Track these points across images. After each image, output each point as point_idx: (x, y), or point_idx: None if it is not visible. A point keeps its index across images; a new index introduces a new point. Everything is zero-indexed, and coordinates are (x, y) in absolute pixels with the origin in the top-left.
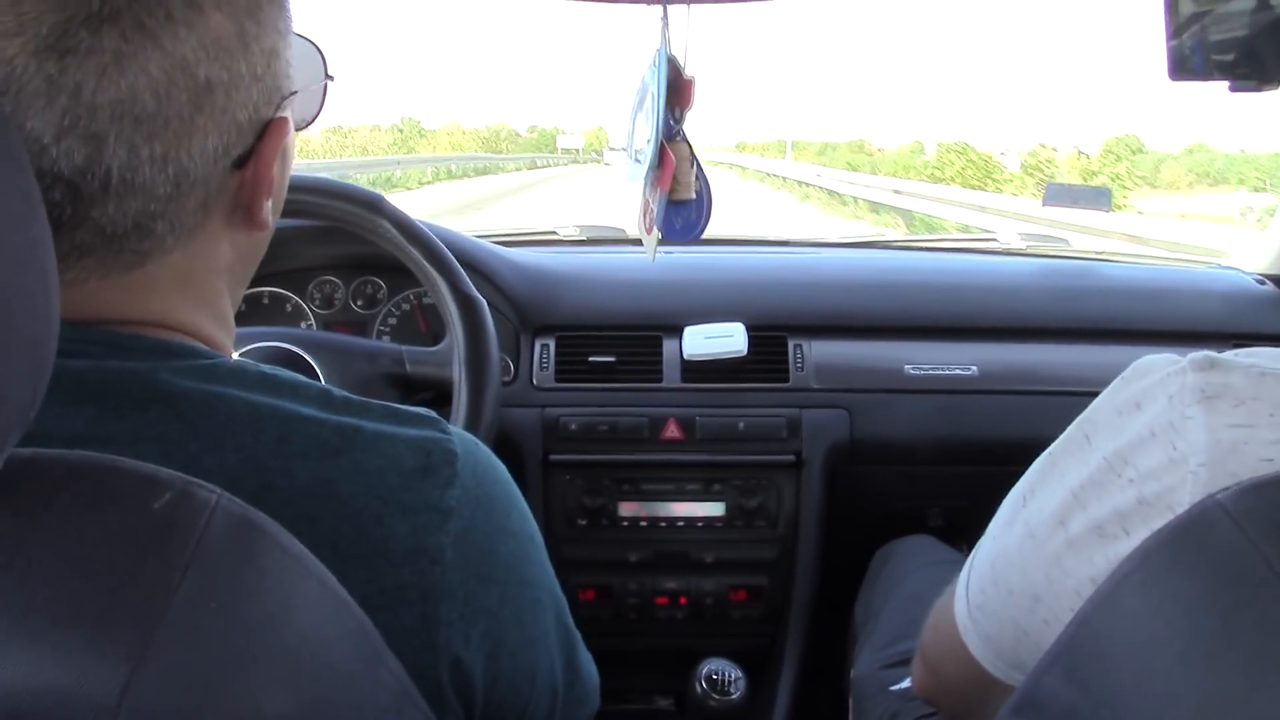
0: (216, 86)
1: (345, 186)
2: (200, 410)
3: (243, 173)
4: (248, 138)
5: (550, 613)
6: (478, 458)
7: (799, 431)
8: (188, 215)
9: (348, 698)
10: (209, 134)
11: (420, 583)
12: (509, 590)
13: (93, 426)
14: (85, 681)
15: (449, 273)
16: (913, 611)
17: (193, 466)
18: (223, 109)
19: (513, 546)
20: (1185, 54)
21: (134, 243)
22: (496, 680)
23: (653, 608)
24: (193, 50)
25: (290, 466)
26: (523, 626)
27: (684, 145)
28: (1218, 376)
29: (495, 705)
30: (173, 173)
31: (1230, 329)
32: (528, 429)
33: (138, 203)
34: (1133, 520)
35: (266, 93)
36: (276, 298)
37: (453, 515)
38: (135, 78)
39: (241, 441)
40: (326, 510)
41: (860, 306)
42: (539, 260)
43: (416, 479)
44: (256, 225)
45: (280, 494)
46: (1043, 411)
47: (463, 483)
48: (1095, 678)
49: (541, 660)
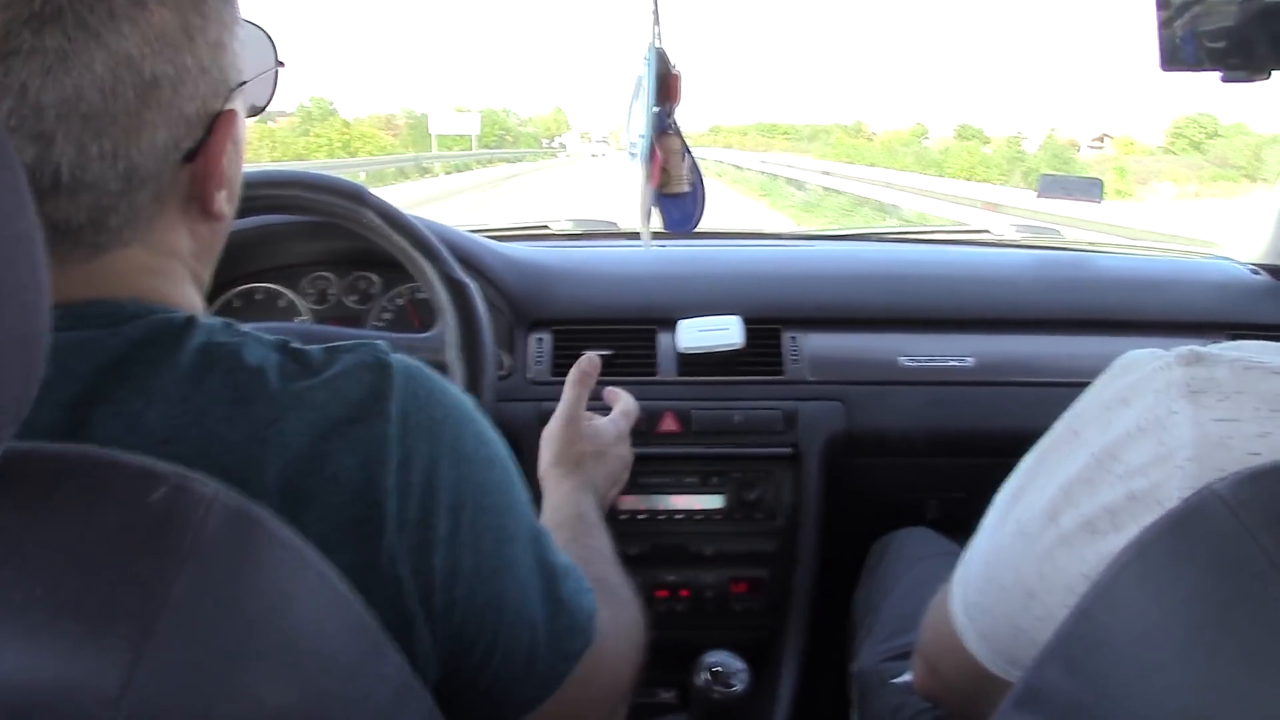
0: (163, 81)
1: (327, 178)
2: (144, 369)
3: (193, 166)
4: (197, 131)
5: (520, 542)
6: (419, 381)
7: (795, 424)
8: (141, 209)
9: (349, 690)
10: (158, 129)
11: (372, 515)
12: (463, 516)
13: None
14: (87, 674)
15: (435, 258)
16: (912, 605)
17: (137, 424)
18: (170, 103)
19: (464, 471)
20: (1176, 44)
21: (89, 236)
22: (453, 610)
23: (653, 601)
24: (137, 46)
25: (232, 414)
26: (482, 555)
27: (675, 138)
28: (1203, 371)
29: (458, 636)
30: (123, 168)
31: (1225, 319)
32: (524, 423)
33: (89, 198)
34: (1122, 516)
35: (214, 85)
36: (270, 294)
37: (395, 442)
38: (80, 76)
39: (184, 392)
40: (273, 453)
41: (855, 298)
42: (533, 254)
43: (361, 409)
44: (211, 216)
45: (224, 441)
46: (1039, 402)
47: (404, 408)
48: (1096, 669)
49: (510, 591)
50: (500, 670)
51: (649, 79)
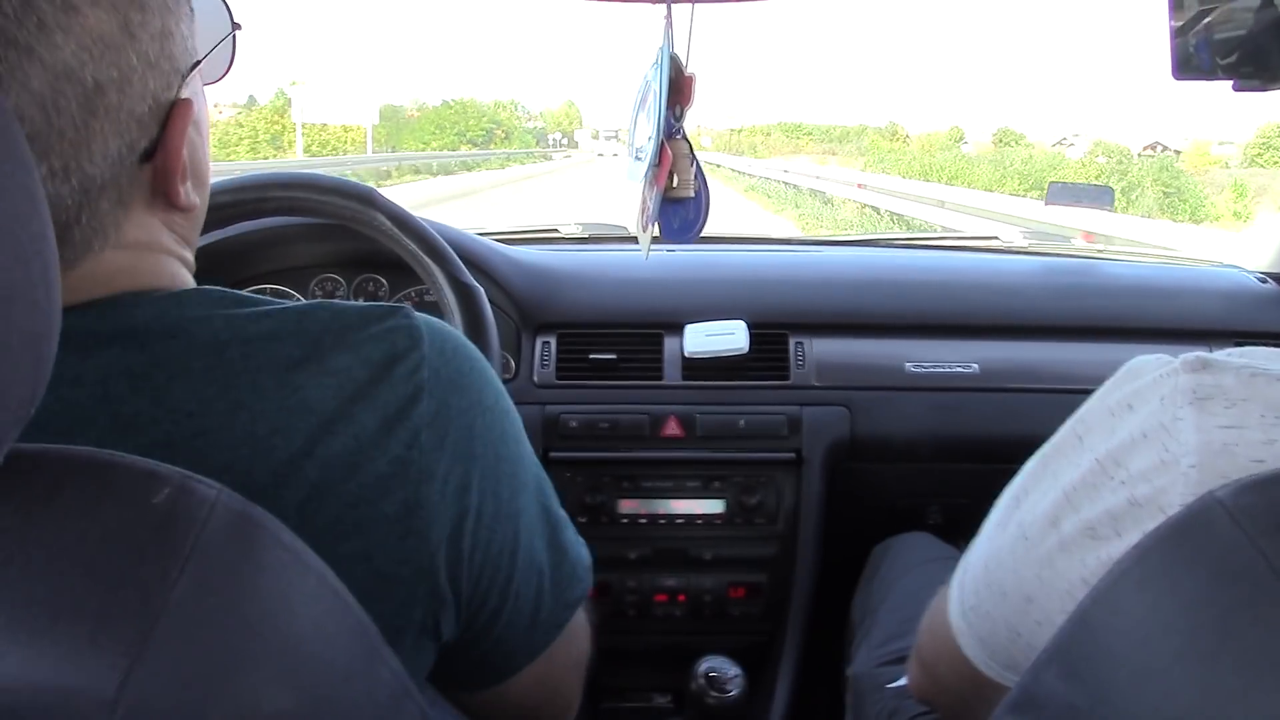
0: (107, 86)
1: (337, 181)
2: (162, 340)
3: (153, 163)
4: (151, 129)
5: (529, 490)
6: (445, 336)
7: (799, 429)
8: (104, 217)
9: (347, 694)
10: (108, 137)
11: (399, 472)
12: (486, 465)
13: (59, 368)
14: (84, 677)
15: (445, 261)
16: (910, 609)
17: (162, 397)
18: (118, 107)
19: (489, 420)
20: (1189, 53)
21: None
22: (474, 555)
23: (652, 605)
24: (74, 54)
25: (258, 380)
26: (500, 501)
27: (683, 143)
28: (1209, 378)
29: (478, 580)
30: (77, 183)
31: (1231, 327)
32: (528, 426)
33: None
34: (1124, 522)
35: (164, 77)
36: (279, 295)
37: (423, 396)
38: (19, 96)
39: (207, 363)
40: (300, 420)
41: (861, 304)
42: (540, 258)
43: (384, 369)
44: (179, 208)
45: (251, 410)
46: (1044, 409)
47: (430, 363)
48: (1093, 675)
49: (522, 536)
50: (511, 617)
51: (661, 81)
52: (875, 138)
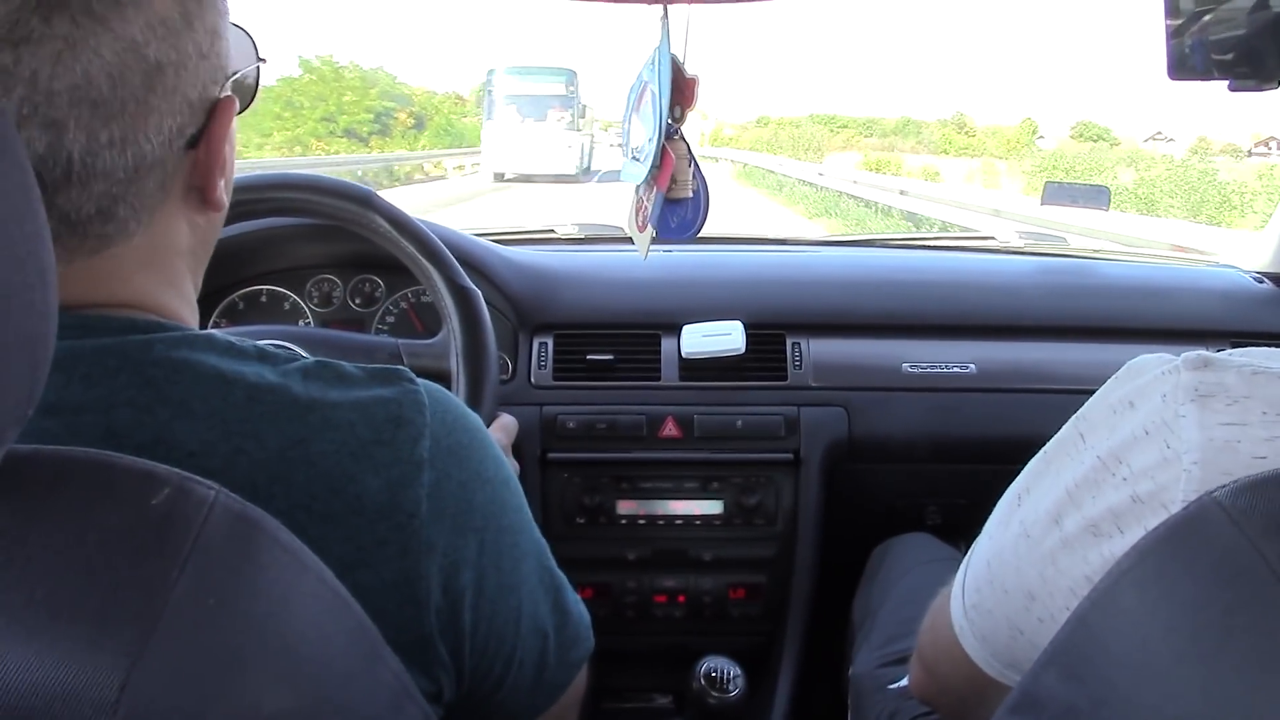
0: (166, 66)
1: (336, 182)
2: (169, 377)
3: (196, 153)
4: (199, 117)
5: (531, 558)
6: (447, 407)
7: (797, 429)
8: (147, 197)
9: (346, 695)
10: (163, 115)
11: (398, 538)
12: (487, 538)
13: (62, 394)
14: (84, 678)
15: (443, 265)
16: (910, 610)
17: (164, 434)
18: (174, 88)
19: (489, 493)
20: (1185, 53)
21: (97, 227)
22: (478, 628)
23: (651, 606)
24: (140, 31)
25: (260, 429)
26: (503, 573)
27: (682, 143)
28: (1211, 375)
29: (482, 653)
30: (131, 156)
31: (1228, 327)
32: (526, 427)
33: (100, 187)
34: (1126, 519)
35: (213, 71)
36: (275, 296)
37: (426, 466)
38: (89, 62)
39: (211, 406)
40: (299, 471)
41: (858, 305)
42: (537, 259)
43: (388, 432)
44: (212, 205)
45: (252, 458)
46: (1041, 410)
47: (433, 433)
48: (1093, 676)
49: (525, 605)
50: (515, 682)
51: (660, 81)
52: (945, 130)
